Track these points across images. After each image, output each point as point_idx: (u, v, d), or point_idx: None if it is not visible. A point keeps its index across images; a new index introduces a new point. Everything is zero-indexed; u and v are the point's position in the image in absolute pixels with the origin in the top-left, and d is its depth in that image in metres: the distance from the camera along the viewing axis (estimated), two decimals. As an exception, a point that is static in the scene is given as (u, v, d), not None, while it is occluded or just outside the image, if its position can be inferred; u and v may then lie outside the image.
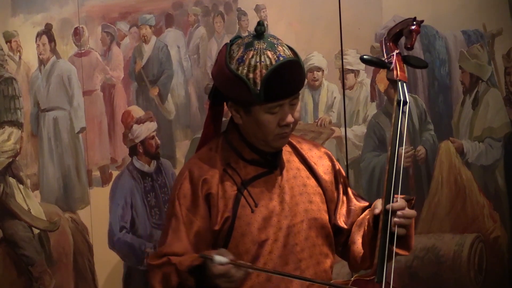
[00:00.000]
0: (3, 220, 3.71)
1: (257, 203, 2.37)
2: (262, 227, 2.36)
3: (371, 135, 3.65)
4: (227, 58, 2.33)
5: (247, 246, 2.36)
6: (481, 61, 3.63)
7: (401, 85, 2.37)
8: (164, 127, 3.71)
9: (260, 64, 2.28)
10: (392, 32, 2.47)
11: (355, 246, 2.44)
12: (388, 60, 2.42)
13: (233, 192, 2.38)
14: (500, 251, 3.64)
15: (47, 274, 3.72)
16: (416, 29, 2.39)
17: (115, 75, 3.75)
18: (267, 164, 2.42)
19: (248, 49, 2.31)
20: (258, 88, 2.27)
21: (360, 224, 2.47)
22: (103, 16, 3.74)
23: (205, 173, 2.39)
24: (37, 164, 3.75)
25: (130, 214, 3.72)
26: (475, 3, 3.62)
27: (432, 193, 3.66)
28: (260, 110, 2.31)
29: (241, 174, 2.40)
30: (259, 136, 2.37)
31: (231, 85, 2.33)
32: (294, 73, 2.32)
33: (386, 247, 2.23)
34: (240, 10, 3.69)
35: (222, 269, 2.19)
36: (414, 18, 2.42)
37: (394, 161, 2.28)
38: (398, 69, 2.38)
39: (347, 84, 3.66)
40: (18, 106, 3.74)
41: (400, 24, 2.45)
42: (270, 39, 2.34)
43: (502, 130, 3.64)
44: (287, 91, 2.31)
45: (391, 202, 2.26)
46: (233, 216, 2.37)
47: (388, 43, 2.46)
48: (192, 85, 3.72)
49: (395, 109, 2.33)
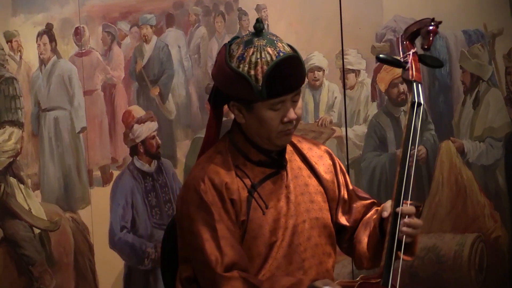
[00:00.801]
0: (3, 219, 3.71)
1: (268, 205, 2.37)
2: (273, 229, 2.36)
3: (372, 135, 3.65)
4: (227, 57, 2.32)
5: (259, 248, 2.35)
6: (482, 61, 3.63)
7: (416, 86, 2.33)
8: (165, 126, 3.71)
9: (261, 61, 2.27)
10: (409, 31, 2.43)
11: (361, 246, 2.43)
12: (404, 59, 2.39)
13: (244, 194, 2.37)
14: (500, 251, 3.64)
15: (48, 274, 3.72)
16: (434, 30, 2.35)
17: (116, 75, 3.76)
18: (274, 164, 2.41)
19: (248, 46, 2.31)
20: (260, 84, 2.26)
21: (366, 223, 2.46)
22: (103, 16, 3.74)
23: (225, 177, 2.36)
24: (38, 163, 3.75)
25: (131, 214, 3.72)
26: (475, 3, 3.62)
27: (432, 193, 3.66)
28: (262, 107, 2.31)
29: (250, 177, 2.39)
30: (262, 134, 2.36)
31: (232, 84, 2.32)
32: (295, 69, 2.31)
33: (393, 251, 2.22)
34: (240, 10, 3.69)
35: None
36: (433, 18, 2.38)
37: (406, 163, 2.25)
38: (414, 69, 2.34)
39: (348, 84, 3.66)
40: (18, 106, 3.74)
41: (418, 23, 2.42)
42: (269, 36, 2.34)
43: (503, 130, 3.64)
44: (289, 87, 2.31)
45: (400, 206, 2.24)
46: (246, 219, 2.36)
47: (404, 42, 2.42)
48: (192, 85, 3.72)
49: (409, 110, 2.30)
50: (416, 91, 2.31)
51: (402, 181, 2.24)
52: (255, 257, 2.34)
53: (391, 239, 2.23)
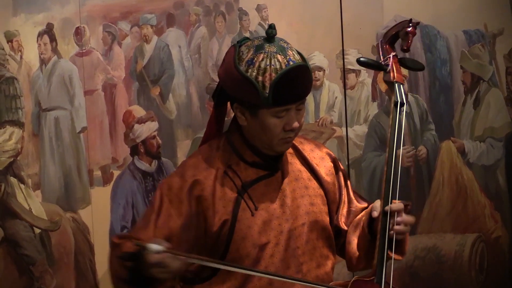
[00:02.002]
0: (4, 219, 3.71)
1: (257, 206, 2.37)
2: (263, 230, 2.36)
3: (372, 135, 3.66)
4: (236, 59, 2.32)
5: (248, 249, 2.35)
6: (482, 61, 3.64)
7: (398, 86, 2.38)
8: (165, 126, 3.71)
9: (270, 68, 2.27)
10: (388, 35, 2.49)
11: (351, 246, 2.44)
12: (384, 62, 2.43)
13: (233, 194, 2.37)
14: (501, 251, 3.65)
15: (48, 274, 3.72)
16: (412, 31, 2.40)
17: (116, 74, 3.76)
18: (268, 166, 2.41)
19: (259, 51, 2.31)
20: (267, 91, 2.26)
21: (356, 225, 2.46)
22: (104, 16, 3.74)
23: (199, 173, 2.37)
24: (38, 163, 3.75)
25: (131, 213, 3.72)
26: (476, 3, 3.62)
27: (433, 193, 3.66)
28: (266, 113, 2.31)
29: (241, 177, 2.39)
30: (263, 140, 2.36)
31: (239, 87, 2.32)
32: (303, 78, 2.32)
33: (385, 249, 2.24)
34: (241, 10, 3.69)
35: (157, 258, 2.14)
36: (410, 20, 2.43)
37: (392, 163, 2.29)
38: (395, 71, 2.39)
39: (348, 84, 3.66)
40: (19, 105, 3.74)
41: (396, 26, 2.47)
42: (281, 43, 2.34)
43: (503, 130, 3.65)
44: (295, 96, 2.31)
45: (389, 204, 2.26)
46: (233, 219, 2.35)
47: (384, 46, 2.48)
48: (193, 85, 3.73)
49: (392, 110, 2.34)
50: (398, 92, 2.37)
51: (389, 180, 2.27)
52: (243, 258, 2.34)
53: (382, 237, 2.25)
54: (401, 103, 2.35)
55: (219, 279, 2.38)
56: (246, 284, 2.34)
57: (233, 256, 2.33)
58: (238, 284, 2.36)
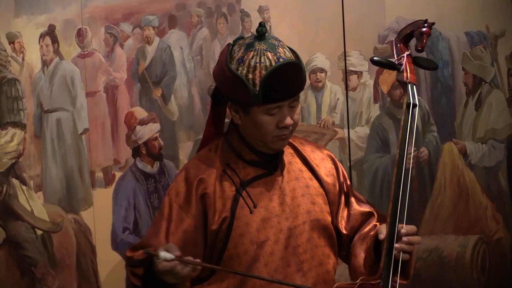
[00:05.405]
0: (6, 221, 3.71)
1: (256, 204, 2.38)
2: (261, 228, 2.36)
3: (374, 137, 3.66)
4: (227, 58, 2.34)
5: (245, 246, 2.36)
6: (484, 62, 3.64)
7: (411, 87, 2.35)
8: (167, 128, 3.72)
9: (260, 65, 2.28)
10: (402, 33, 2.46)
11: (357, 260, 2.43)
12: (398, 61, 2.41)
13: (231, 192, 2.38)
14: (503, 252, 3.65)
15: (50, 275, 3.72)
16: (427, 31, 2.37)
17: (118, 76, 3.76)
18: (267, 165, 2.42)
19: (249, 49, 2.32)
20: (257, 89, 2.27)
21: (363, 238, 2.45)
22: (106, 17, 3.74)
23: (202, 172, 2.39)
24: (40, 165, 3.75)
25: (133, 215, 3.72)
26: (478, 4, 3.62)
27: (435, 194, 3.66)
28: (258, 111, 2.32)
29: (240, 175, 2.40)
30: (257, 137, 2.37)
31: (230, 85, 2.34)
32: (293, 75, 2.32)
33: (392, 252, 2.23)
34: (243, 11, 3.69)
35: (167, 266, 2.18)
36: (425, 20, 2.41)
37: (403, 164, 2.26)
38: (408, 71, 2.36)
39: (350, 85, 3.66)
40: (21, 107, 3.73)
41: (411, 25, 2.44)
42: (271, 41, 2.34)
43: (505, 132, 3.65)
44: (286, 93, 2.31)
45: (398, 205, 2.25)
46: (231, 216, 2.37)
47: (398, 44, 2.45)
48: (195, 86, 3.73)
49: (405, 112, 2.32)
50: (411, 93, 2.34)
51: (400, 181, 2.26)
52: (241, 255, 2.35)
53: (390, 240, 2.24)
54: (414, 104, 2.33)
55: (218, 278, 2.38)
56: (245, 282, 2.35)
57: (231, 253, 2.34)
58: (237, 282, 2.37)
